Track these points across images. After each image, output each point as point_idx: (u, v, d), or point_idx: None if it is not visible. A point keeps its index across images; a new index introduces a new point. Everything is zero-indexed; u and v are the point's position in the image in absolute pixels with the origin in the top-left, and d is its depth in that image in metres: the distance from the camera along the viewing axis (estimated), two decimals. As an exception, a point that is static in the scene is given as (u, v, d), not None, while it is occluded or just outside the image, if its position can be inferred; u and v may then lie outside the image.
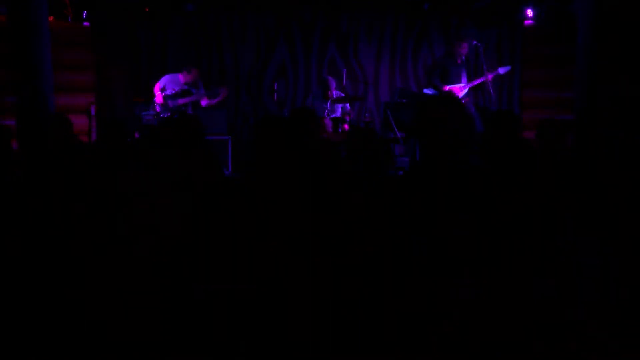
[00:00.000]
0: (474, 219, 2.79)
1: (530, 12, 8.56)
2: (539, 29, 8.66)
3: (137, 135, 7.51)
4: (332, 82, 7.87)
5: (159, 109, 7.52)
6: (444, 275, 2.67)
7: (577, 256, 2.70)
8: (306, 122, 4.13)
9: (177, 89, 7.52)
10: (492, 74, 7.47)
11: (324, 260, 2.66)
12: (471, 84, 7.47)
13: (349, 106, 7.97)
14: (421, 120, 2.73)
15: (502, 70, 7.54)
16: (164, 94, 7.49)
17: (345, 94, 8.14)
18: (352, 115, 8.30)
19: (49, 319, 2.56)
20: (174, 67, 7.79)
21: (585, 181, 3.37)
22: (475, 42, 7.59)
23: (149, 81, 7.74)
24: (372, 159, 3.55)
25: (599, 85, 5.76)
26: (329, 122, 7.51)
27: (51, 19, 7.36)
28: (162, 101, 7.49)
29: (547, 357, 2.47)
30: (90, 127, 7.96)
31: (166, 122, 7.39)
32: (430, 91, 7.64)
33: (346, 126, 7.65)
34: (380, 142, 3.60)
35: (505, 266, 2.67)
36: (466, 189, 2.91)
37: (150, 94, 7.66)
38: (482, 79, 7.49)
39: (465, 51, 7.54)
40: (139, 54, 8.90)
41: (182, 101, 7.54)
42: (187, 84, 7.56)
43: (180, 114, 7.42)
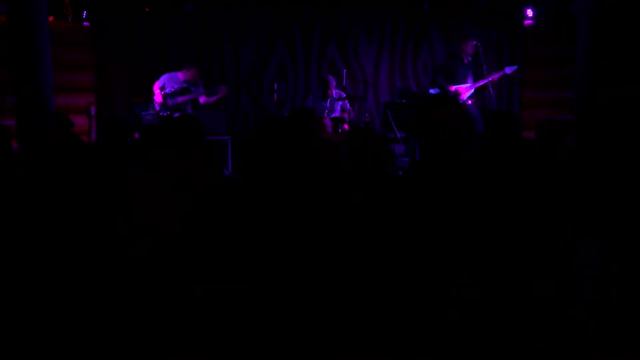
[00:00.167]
0: (474, 219, 2.79)
1: (530, 12, 8.56)
2: (539, 29, 8.65)
3: (137, 135, 7.50)
4: (332, 80, 7.87)
5: (158, 108, 7.51)
6: (444, 275, 2.67)
7: (577, 256, 2.70)
8: (306, 122, 4.13)
9: (176, 87, 7.51)
10: (499, 73, 7.39)
11: (324, 260, 2.65)
12: (477, 84, 7.38)
13: (348, 104, 7.96)
14: (421, 120, 2.73)
15: (509, 69, 7.44)
16: (163, 93, 7.48)
17: (345, 94, 8.13)
18: (352, 114, 8.29)
19: (49, 319, 2.56)
20: (174, 67, 7.79)
21: (585, 181, 3.37)
22: (475, 42, 7.56)
23: (149, 81, 7.74)
24: (372, 159, 3.55)
25: (599, 85, 5.76)
26: (328, 122, 7.50)
27: (51, 19, 7.35)
28: (162, 100, 7.49)
29: (547, 357, 2.47)
30: (90, 127, 7.96)
31: (166, 121, 7.38)
32: (435, 91, 7.57)
33: (346, 126, 7.65)
34: (380, 142, 3.59)
35: (505, 266, 2.67)
36: (466, 189, 2.91)
37: (150, 94, 7.66)
38: (488, 78, 7.39)
39: (471, 50, 7.45)
40: (139, 54, 8.90)
41: (181, 99, 7.52)
42: (186, 82, 7.55)
43: (180, 114, 7.42)
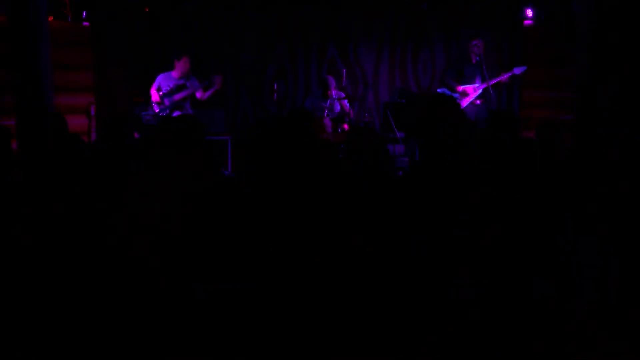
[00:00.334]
0: (474, 219, 2.79)
1: (530, 12, 8.56)
2: (539, 29, 8.65)
3: (137, 135, 7.49)
4: (332, 81, 7.87)
5: (157, 109, 7.51)
6: (444, 275, 2.67)
7: (577, 256, 2.70)
8: (304, 122, 4.13)
9: (172, 84, 7.50)
10: (507, 74, 7.38)
11: (324, 260, 2.65)
12: (485, 84, 7.37)
13: (348, 106, 7.96)
14: (421, 120, 2.73)
15: (518, 70, 7.40)
16: (160, 93, 7.48)
17: (345, 94, 8.13)
18: (352, 114, 8.29)
19: (49, 319, 2.56)
20: (171, 67, 7.76)
21: (585, 181, 3.37)
22: (474, 42, 7.56)
23: (149, 81, 7.73)
24: (371, 159, 3.54)
25: (599, 85, 5.76)
26: (328, 122, 7.50)
27: (50, 19, 7.35)
28: (159, 100, 7.47)
29: (547, 357, 2.47)
30: (90, 127, 7.95)
31: (165, 120, 7.37)
32: (443, 91, 7.56)
33: (346, 126, 7.65)
34: (379, 141, 3.60)
35: (505, 266, 2.67)
36: (466, 189, 2.91)
37: (149, 95, 7.65)
38: (497, 79, 7.38)
39: (480, 49, 7.43)
40: (139, 54, 8.89)
41: (178, 96, 7.50)
42: (181, 77, 7.53)
43: (179, 112, 7.42)
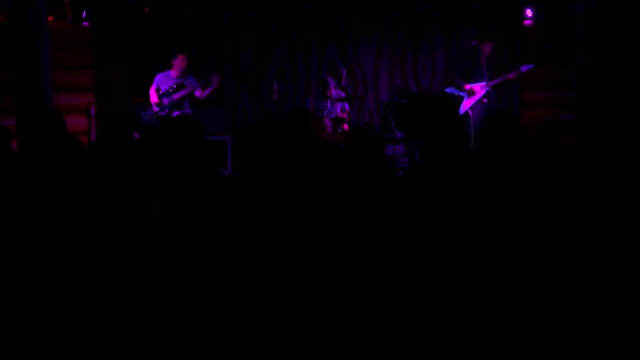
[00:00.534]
0: (474, 219, 2.79)
1: (530, 12, 8.56)
2: (539, 29, 8.65)
3: (136, 135, 7.49)
4: (331, 81, 7.88)
5: (156, 109, 7.50)
6: (444, 275, 2.67)
7: (577, 256, 2.70)
8: (304, 122, 4.13)
9: (170, 84, 7.49)
10: (514, 72, 7.37)
11: (324, 260, 2.65)
12: (492, 82, 7.37)
13: (347, 106, 7.97)
14: (421, 120, 2.73)
15: (525, 68, 7.38)
16: (159, 93, 7.47)
17: (345, 94, 8.14)
18: (352, 115, 8.29)
19: (49, 319, 2.56)
20: (170, 65, 7.75)
21: (585, 181, 3.37)
22: (474, 42, 7.56)
23: (149, 81, 7.73)
24: (372, 159, 3.54)
25: (599, 85, 5.76)
26: (328, 122, 7.51)
27: (50, 19, 7.35)
28: (158, 100, 7.47)
29: (547, 357, 2.47)
30: (89, 127, 7.95)
31: (165, 120, 7.37)
32: (451, 90, 7.57)
33: (345, 126, 7.65)
34: (378, 141, 3.60)
35: (505, 266, 2.67)
36: (466, 189, 2.91)
37: (149, 96, 7.65)
38: (503, 77, 7.38)
39: (489, 51, 7.45)
40: (139, 54, 8.89)
41: (177, 95, 7.50)
42: (179, 76, 7.52)
43: (178, 112, 7.42)
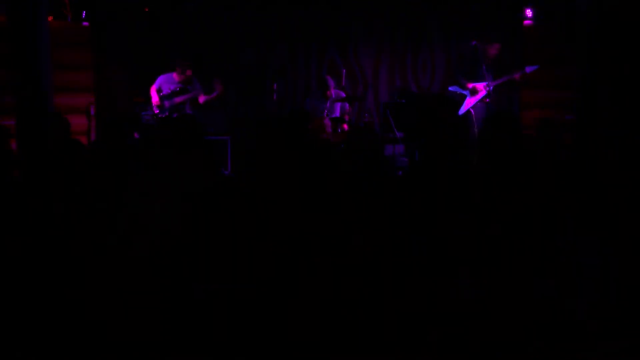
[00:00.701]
0: (474, 219, 2.79)
1: (530, 12, 8.56)
2: (539, 29, 8.65)
3: (136, 135, 7.49)
4: (331, 81, 7.87)
5: (156, 110, 7.50)
6: (444, 275, 2.67)
7: (577, 256, 2.70)
8: (304, 123, 4.14)
9: (173, 87, 7.50)
10: (519, 72, 7.34)
11: (324, 260, 2.66)
12: (496, 82, 7.35)
13: (348, 106, 7.97)
14: (421, 120, 2.73)
15: (530, 69, 7.33)
16: (160, 95, 7.48)
17: (345, 94, 8.14)
18: (352, 115, 8.28)
19: (49, 319, 2.56)
20: (172, 67, 7.77)
21: (585, 181, 3.37)
22: (474, 42, 7.55)
23: (149, 81, 7.72)
24: (372, 159, 3.54)
25: (599, 85, 5.76)
26: (328, 122, 7.50)
27: (50, 19, 7.34)
28: (159, 102, 7.48)
29: (547, 357, 2.47)
30: (89, 127, 7.95)
31: (165, 121, 7.38)
32: (455, 89, 7.56)
33: (345, 126, 7.65)
34: (377, 141, 3.60)
35: (505, 266, 2.68)
36: (466, 189, 2.91)
37: (149, 95, 7.65)
38: (507, 77, 7.35)
39: (494, 53, 7.43)
40: (139, 54, 8.89)
41: (178, 99, 7.51)
42: (182, 82, 7.54)
43: (179, 114, 7.42)
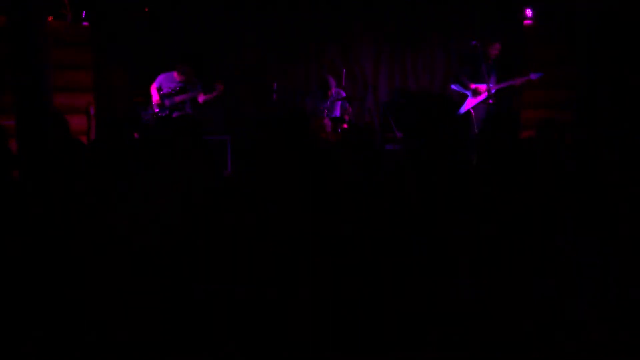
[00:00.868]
0: (474, 219, 2.79)
1: (530, 12, 8.56)
2: (539, 29, 8.65)
3: (136, 135, 7.50)
4: (332, 81, 7.86)
5: (157, 109, 7.51)
6: (444, 275, 2.67)
7: (577, 256, 2.70)
8: (303, 123, 4.13)
9: (173, 86, 7.51)
10: (523, 78, 7.33)
11: (324, 260, 2.66)
12: (498, 86, 7.35)
13: (348, 105, 7.96)
14: (421, 120, 2.73)
15: (535, 76, 7.33)
16: (160, 94, 7.48)
17: (345, 94, 8.13)
18: (352, 115, 8.28)
19: (49, 319, 2.56)
20: (172, 66, 7.77)
21: (585, 181, 3.37)
22: (474, 42, 7.55)
23: (149, 81, 7.73)
24: (372, 159, 3.54)
25: (599, 85, 5.77)
26: (328, 122, 7.50)
27: (50, 19, 7.35)
28: (160, 101, 7.48)
29: (547, 357, 2.47)
30: (89, 127, 7.95)
31: (165, 121, 7.39)
32: (456, 87, 7.56)
33: (345, 126, 7.65)
34: (376, 141, 3.60)
35: (505, 266, 2.68)
36: (466, 189, 2.91)
37: (149, 95, 7.66)
38: (510, 82, 7.36)
39: (494, 52, 7.44)
40: (139, 54, 8.89)
41: (178, 98, 7.52)
42: (182, 81, 7.55)
43: (179, 113, 7.42)
